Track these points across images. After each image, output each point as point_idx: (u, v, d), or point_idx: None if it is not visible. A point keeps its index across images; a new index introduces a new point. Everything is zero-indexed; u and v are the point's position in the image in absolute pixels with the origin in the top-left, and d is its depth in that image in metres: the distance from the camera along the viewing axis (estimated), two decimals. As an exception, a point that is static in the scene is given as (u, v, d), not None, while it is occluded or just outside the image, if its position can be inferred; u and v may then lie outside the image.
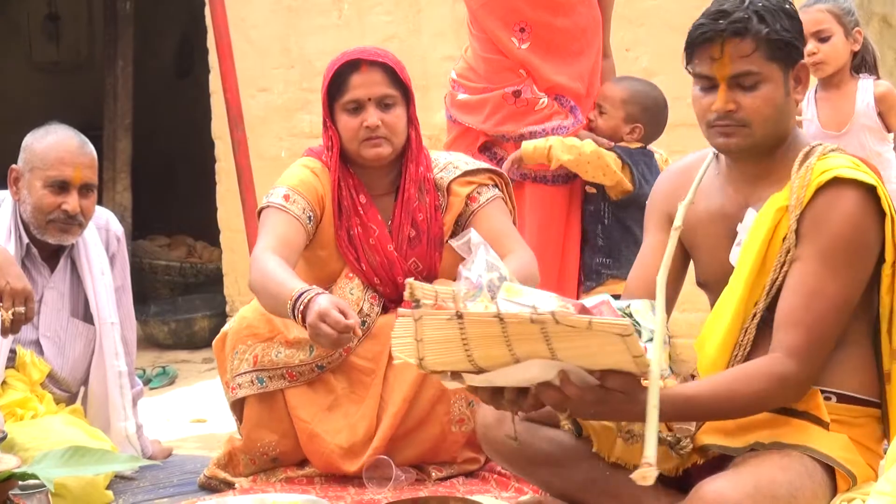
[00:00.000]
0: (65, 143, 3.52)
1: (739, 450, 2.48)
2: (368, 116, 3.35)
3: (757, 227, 2.52)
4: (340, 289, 3.40)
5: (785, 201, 2.49)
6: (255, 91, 6.17)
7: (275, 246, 3.25)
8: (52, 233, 3.50)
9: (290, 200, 3.36)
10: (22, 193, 3.52)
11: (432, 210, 3.44)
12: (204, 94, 6.64)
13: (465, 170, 3.49)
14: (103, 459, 2.44)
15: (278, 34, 6.40)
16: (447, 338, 2.25)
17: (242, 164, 5.04)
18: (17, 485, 2.45)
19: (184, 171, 8.49)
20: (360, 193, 3.43)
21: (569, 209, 4.13)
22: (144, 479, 3.56)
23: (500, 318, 2.21)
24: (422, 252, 3.43)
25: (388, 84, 3.37)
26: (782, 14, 2.50)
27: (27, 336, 3.48)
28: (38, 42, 9.03)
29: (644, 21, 5.52)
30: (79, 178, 3.49)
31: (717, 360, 2.54)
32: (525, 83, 4.05)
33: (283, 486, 3.35)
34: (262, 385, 3.37)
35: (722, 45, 2.47)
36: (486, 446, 2.80)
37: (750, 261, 2.51)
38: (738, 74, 2.47)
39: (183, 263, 7.45)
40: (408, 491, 3.26)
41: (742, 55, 2.47)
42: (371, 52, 3.42)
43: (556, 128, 4.04)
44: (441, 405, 3.35)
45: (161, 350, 6.50)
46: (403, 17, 6.17)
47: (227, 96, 5.11)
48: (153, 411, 4.70)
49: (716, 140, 2.55)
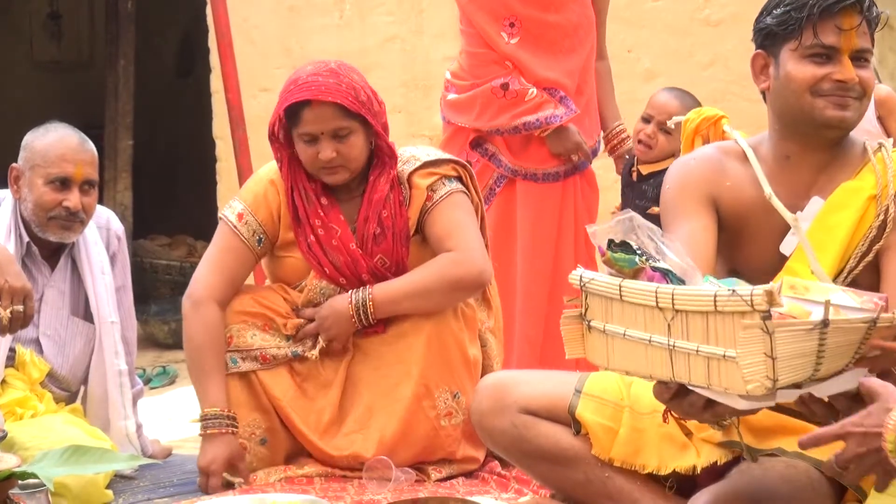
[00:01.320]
0: (65, 140, 3.52)
1: (761, 451, 2.45)
2: (322, 149, 3.36)
3: (836, 213, 2.50)
4: (311, 290, 3.45)
5: (872, 189, 2.49)
6: (257, 91, 6.17)
7: (221, 287, 3.47)
8: (54, 230, 3.50)
9: (242, 221, 3.49)
10: (23, 192, 3.51)
11: (396, 206, 3.45)
12: (205, 94, 6.64)
13: (425, 160, 3.50)
14: (103, 458, 2.43)
15: (280, 34, 6.40)
16: (802, 352, 1.99)
17: (243, 163, 5.04)
18: (17, 484, 2.45)
19: (185, 170, 8.49)
20: (323, 196, 3.46)
21: (562, 207, 4.11)
22: (144, 479, 3.56)
23: (873, 321, 2.00)
24: (387, 248, 3.44)
25: (341, 117, 3.35)
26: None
27: (27, 334, 3.47)
28: (39, 41, 9.04)
29: (645, 23, 5.52)
30: (80, 175, 3.49)
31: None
32: (512, 75, 4.04)
33: (283, 486, 3.35)
34: (235, 365, 3.42)
35: (861, 14, 2.49)
36: (482, 433, 2.79)
37: (835, 249, 2.48)
38: (860, 50, 2.52)
39: (183, 263, 7.44)
40: (407, 491, 3.26)
41: (866, 32, 2.52)
42: (323, 88, 3.33)
43: (549, 117, 4.02)
44: (426, 400, 3.37)
45: (161, 350, 6.50)
46: (405, 17, 6.17)
47: (228, 96, 5.11)
48: (153, 411, 4.70)
49: (826, 112, 2.52)
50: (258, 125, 6.02)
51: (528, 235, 4.08)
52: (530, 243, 4.07)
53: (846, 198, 2.50)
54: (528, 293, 4.11)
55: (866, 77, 2.52)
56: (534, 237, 4.05)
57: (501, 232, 4.08)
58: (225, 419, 3.35)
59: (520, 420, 2.61)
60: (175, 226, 8.02)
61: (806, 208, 2.53)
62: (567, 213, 4.12)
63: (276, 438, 3.46)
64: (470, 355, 3.42)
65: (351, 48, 6.08)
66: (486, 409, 2.70)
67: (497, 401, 2.70)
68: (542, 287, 4.11)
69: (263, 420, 3.44)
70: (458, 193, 3.49)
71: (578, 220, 4.14)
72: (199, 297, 3.45)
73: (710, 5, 5.55)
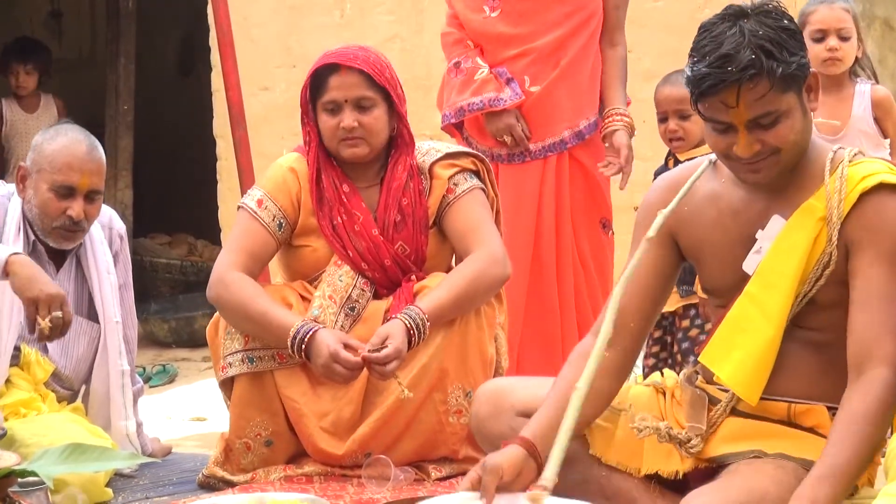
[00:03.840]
0: (74, 147, 3.48)
1: (740, 455, 2.46)
2: (344, 118, 3.40)
3: (791, 235, 2.46)
4: (330, 276, 3.42)
5: (823, 211, 2.44)
6: (257, 90, 6.18)
7: (244, 262, 3.39)
8: (55, 238, 3.49)
9: (262, 206, 3.46)
10: (28, 193, 3.50)
11: (416, 195, 3.46)
12: (206, 93, 6.65)
13: (446, 152, 3.53)
14: (103, 456, 2.43)
15: (280, 33, 6.41)
16: None
17: (244, 162, 5.04)
18: (17, 482, 2.45)
19: (185, 169, 8.49)
20: (344, 183, 3.47)
21: (542, 188, 4.02)
22: (144, 477, 3.56)
23: None
24: (407, 235, 3.45)
25: (366, 86, 3.40)
26: (786, 36, 2.40)
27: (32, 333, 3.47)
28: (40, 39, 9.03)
29: (646, 22, 5.52)
30: (85, 185, 3.46)
31: (756, 376, 2.47)
32: (467, 54, 4.01)
33: (282, 485, 3.35)
34: (252, 364, 3.37)
35: (737, 93, 2.37)
36: (480, 438, 2.79)
37: (789, 272, 2.44)
38: (758, 117, 2.39)
39: (184, 261, 7.46)
40: (407, 490, 3.26)
41: (757, 98, 2.37)
42: (351, 56, 3.43)
43: (493, 100, 3.96)
44: (438, 393, 3.35)
45: (161, 348, 6.51)
46: (406, 16, 6.18)
47: (228, 94, 5.11)
48: (153, 409, 4.70)
49: (741, 175, 2.48)
50: (259, 124, 6.04)
51: (505, 219, 4.02)
52: (508, 227, 3.99)
53: (802, 219, 2.46)
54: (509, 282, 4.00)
55: (770, 138, 2.40)
56: (511, 220, 3.92)
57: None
58: (309, 323, 3.24)
59: (518, 423, 2.62)
60: (175, 224, 8.03)
61: (767, 227, 2.50)
62: (547, 196, 4.02)
63: (281, 441, 3.44)
64: (488, 355, 3.42)
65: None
66: (485, 414, 2.72)
67: (495, 405, 2.71)
68: (520, 272, 3.95)
69: (271, 422, 3.41)
70: (478, 190, 3.52)
71: (561, 202, 4.03)
72: (221, 274, 3.38)
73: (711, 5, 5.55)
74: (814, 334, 2.49)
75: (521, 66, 4.01)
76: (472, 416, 2.80)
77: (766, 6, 2.44)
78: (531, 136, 4.02)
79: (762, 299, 2.47)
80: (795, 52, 2.40)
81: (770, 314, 2.45)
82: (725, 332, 2.52)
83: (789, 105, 2.41)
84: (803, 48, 2.44)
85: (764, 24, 2.39)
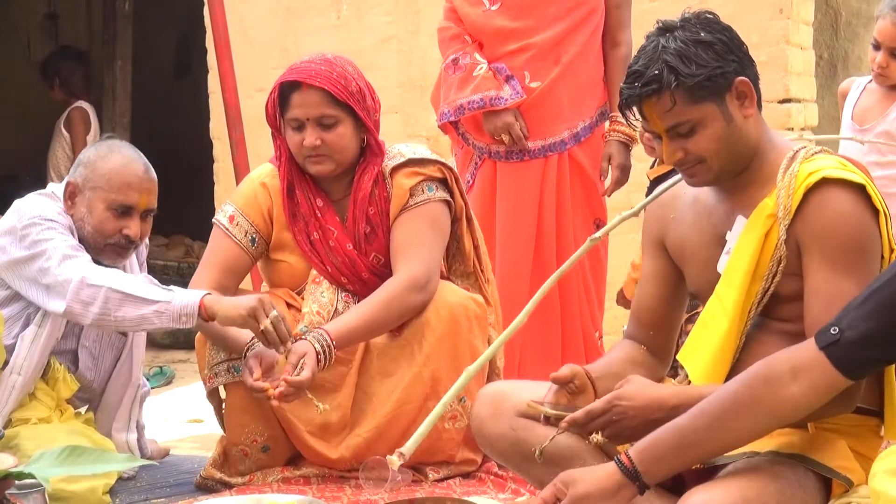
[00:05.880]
0: (131, 166, 3.44)
1: (734, 456, 2.46)
2: (307, 136, 3.37)
3: (747, 234, 2.50)
4: (312, 294, 3.42)
5: (773, 209, 2.48)
6: (254, 91, 6.17)
7: (217, 278, 3.43)
8: (108, 255, 3.43)
9: (233, 223, 3.48)
10: (79, 210, 3.41)
11: (382, 202, 3.44)
12: (202, 94, 6.64)
13: (409, 158, 3.48)
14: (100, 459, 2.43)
15: (277, 34, 6.40)
16: None
17: (240, 164, 5.05)
18: (14, 484, 2.44)
19: (182, 170, 8.47)
20: (318, 197, 3.46)
21: (543, 187, 4.01)
22: (141, 479, 3.56)
23: None
24: (380, 246, 3.44)
25: (328, 104, 3.35)
26: (696, 49, 2.45)
27: (66, 345, 3.43)
28: (36, 40, 9.03)
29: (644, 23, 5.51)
30: (144, 204, 3.44)
31: (715, 369, 2.52)
32: (465, 49, 3.99)
33: (280, 487, 3.35)
34: (238, 374, 3.36)
35: (640, 108, 2.48)
36: (480, 440, 2.80)
37: (742, 269, 2.49)
38: (671, 127, 2.47)
39: (181, 263, 7.45)
40: (404, 492, 3.26)
41: (664, 111, 2.45)
42: (313, 72, 3.37)
43: (494, 98, 3.94)
44: (433, 401, 3.34)
45: (158, 350, 6.50)
46: (402, 17, 6.17)
47: (225, 96, 5.12)
48: (150, 411, 4.68)
49: (685, 180, 2.57)
50: (255, 125, 6.02)
51: (506, 218, 3.99)
52: (509, 227, 3.99)
53: (757, 217, 2.50)
54: (508, 278, 3.98)
55: (692, 147, 2.46)
56: (512, 220, 3.95)
57: (482, 216, 3.93)
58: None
59: (517, 423, 2.63)
60: (172, 226, 8.01)
61: (734, 227, 2.55)
62: (548, 195, 4.01)
63: (278, 446, 3.45)
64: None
65: (348, 48, 6.07)
66: (486, 415, 2.73)
67: (496, 407, 2.72)
68: (522, 271, 3.99)
69: (266, 428, 3.41)
70: (434, 203, 3.46)
71: (562, 201, 4.03)
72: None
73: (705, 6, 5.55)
74: (786, 325, 2.51)
75: (521, 61, 3.98)
76: (473, 417, 2.80)
77: (691, 18, 2.52)
78: (529, 135, 4.01)
79: (724, 296, 2.52)
80: (707, 63, 2.45)
81: (727, 309, 2.51)
82: (696, 330, 2.58)
83: (704, 115, 2.46)
84: (722, 58, 2.47)
85: (678, 39, 2.47)
